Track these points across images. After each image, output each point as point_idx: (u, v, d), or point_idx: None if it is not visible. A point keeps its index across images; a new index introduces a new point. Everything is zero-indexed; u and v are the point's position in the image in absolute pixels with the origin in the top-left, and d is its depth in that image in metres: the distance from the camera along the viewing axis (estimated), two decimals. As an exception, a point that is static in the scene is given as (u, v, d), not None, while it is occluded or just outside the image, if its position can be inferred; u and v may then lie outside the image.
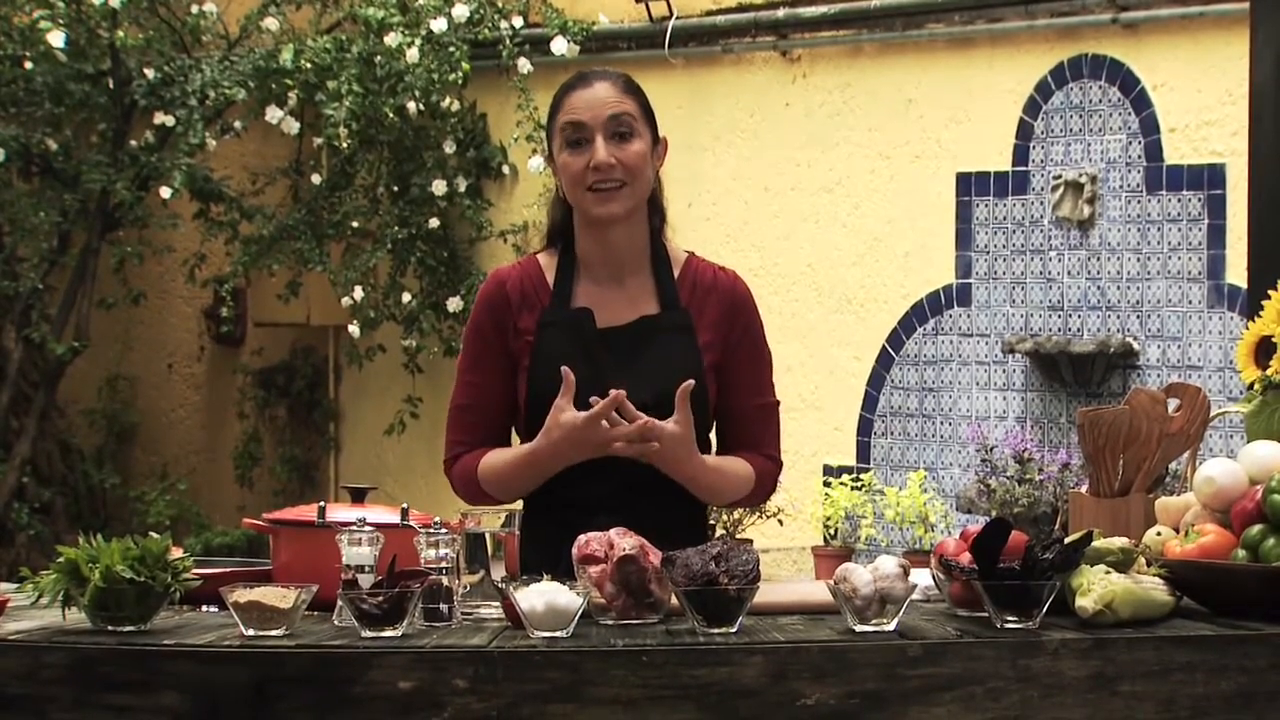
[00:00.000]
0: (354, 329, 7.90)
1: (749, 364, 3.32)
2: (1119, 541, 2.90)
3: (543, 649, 2.58)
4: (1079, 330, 6.36)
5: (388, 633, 2.66)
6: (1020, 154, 6.52)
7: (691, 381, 3.13)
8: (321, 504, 3.11)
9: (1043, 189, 6.45)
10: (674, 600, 2.75)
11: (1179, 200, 6.12)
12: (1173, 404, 3.23)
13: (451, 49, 7.48)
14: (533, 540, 3.08)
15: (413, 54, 7.39)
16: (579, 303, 3.29)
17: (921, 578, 2.86)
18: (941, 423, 6.73)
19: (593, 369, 3.22)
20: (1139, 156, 6.21)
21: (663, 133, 3.35)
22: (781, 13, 7.13)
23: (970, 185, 6.66)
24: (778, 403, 3.37)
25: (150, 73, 7.74)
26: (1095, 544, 2.84)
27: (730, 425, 3.34)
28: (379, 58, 7.51)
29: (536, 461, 3.19)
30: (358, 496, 3.18)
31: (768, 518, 6.09)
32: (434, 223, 7.82)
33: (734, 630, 2.67)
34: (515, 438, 3.36)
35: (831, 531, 6.58)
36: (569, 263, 3.33)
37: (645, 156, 3.26)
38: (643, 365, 3.23)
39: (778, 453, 3.37)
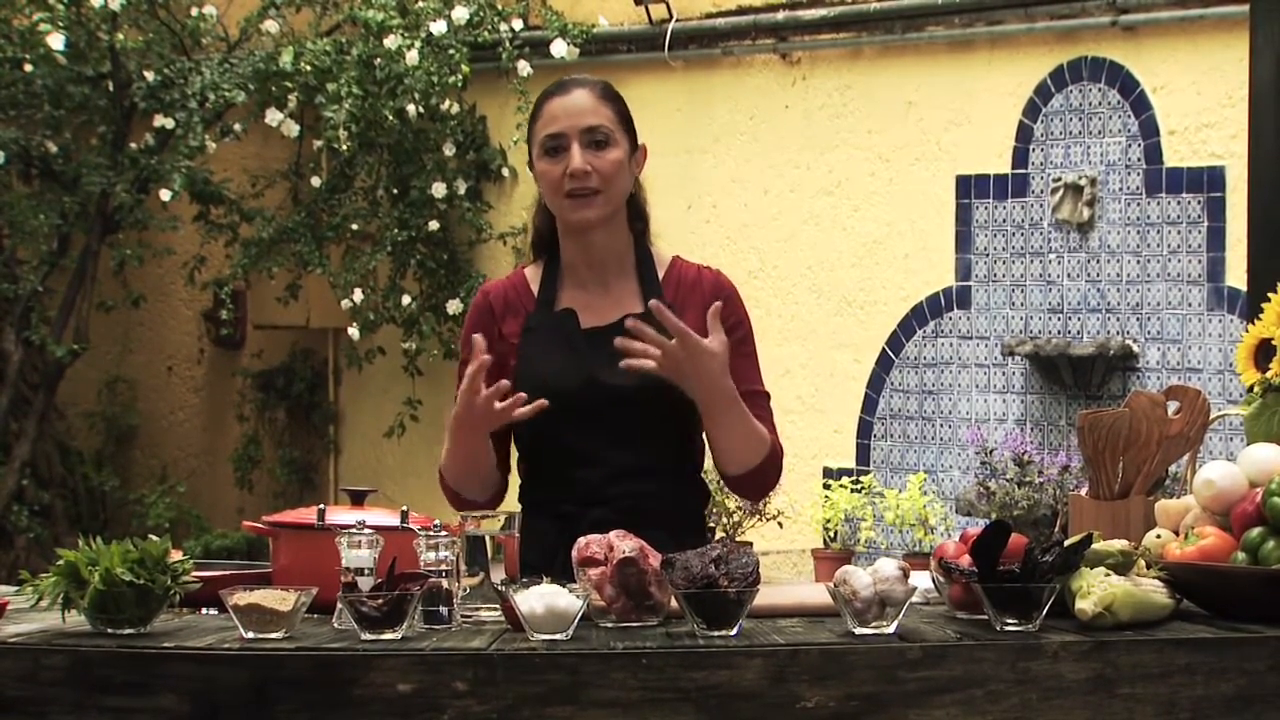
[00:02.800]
0: (354, 331, 7.90)
1: (739, 354, 3.32)
2: (1119, 544, 2.90)
3: (542, 651, 2.58)
4: (1079, 333, 6.36)
5: (387, 635, 2.66)
6: (1020, 156, 6.52)
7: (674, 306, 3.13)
8: (321, 506, 3.11)
9: (1042, 191, 6.45)
10: (674, 603, 2.75)
11: (1178, 203, 6.12)
12: (1172, 406, 3.23)
13: (451, 51, 7.48)
14: (529, 535, 3.09)
15: (412, 56, 7.39)
16: (563, 306, 3.32)
17: (921, 580, 2.86)
18: (941, 425, 6.73)
19: (578, 365, 3.25)
20: (1138, 159, 6.21)
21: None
22: (781, 15, 7.13)
23: (970, 188, 6.66)
24: (768, 394, 3.38)
25: (150, 75, 7.74)
26: (1095, 546, 2.84)
27: None
28: (379, 60, 7.51)
29: (454, 433, 3.19)
30: (357, 499, 3.18)
31: (767, 520, 6.09)
32: (434, 225, 7.82)
33: (733, 633, 2.67)
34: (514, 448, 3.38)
35: (831, 534, 6.58)
36: (554, 270, 3.37)
37: (621, 164, 3.29)
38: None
39: (776, 435, 3.35)
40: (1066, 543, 2.78)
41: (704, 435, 3.33)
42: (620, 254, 3.35)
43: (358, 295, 7.79)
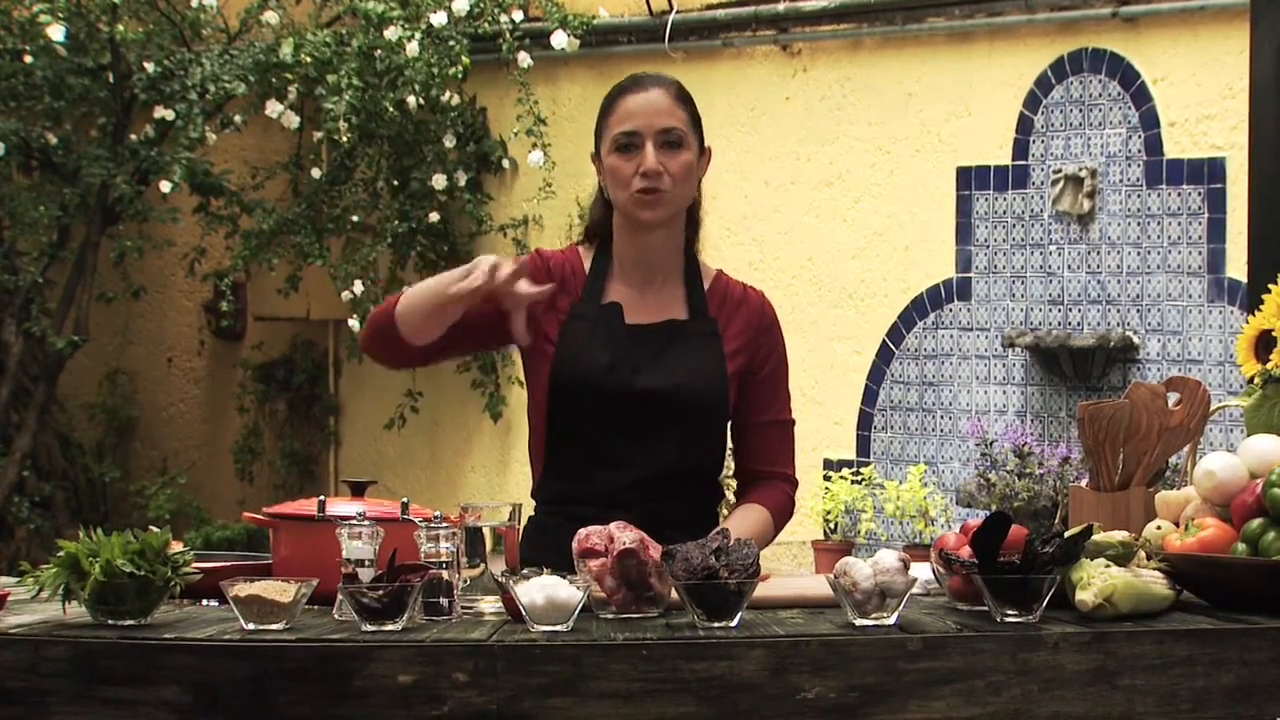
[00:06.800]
0: (354, 323, 7.89)
1: (771, 381, 3.36)
2: (1119, 535, 2.90)
3: (543, 643, 2.58)
4: (1079, 324, 6.36)
5: (388, 627, 2.66)
6: (1020, 148, 6.52)
7: None
8: (321, 498, 3.10)
9: (1043, 183, 6.45)
10: (674, 594, 2.75)
11: (1179, 194, 6.11)
12: (1173, 398, 3.23)
13: (451, 43, 7.48)
14: (541, 534, 3.08)
15: (412, 48, 7.39)
16: (609, 300, 3.32)
17: (922, 572, 2.85)
18: (942, 417, 6.73)
19: (616, 359, 3.25)
20: (1139, 150, 6.21)
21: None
22: (782, 6, 7.13)
23: (970, 179, 6.66)
24: (794, 421, 3.40)
25: (150, 67, 7.74)
26: (1095, 538, 2.84)
27: (747, 439, 3.39)
28: (379, 52, 7.51)
29: (447, 290, 3.04)
30: (358, 490, 3.18)
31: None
32: (434, 217, 7.82)
33: (734, 624, 2.66)
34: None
35: (831, 525, 6.58)
36: (604, 261, 3.36)
37: (691, 166, 3.30)
38: (666, 360, 3.27)
39: (792, 470, 3.42)
40: (1067, 534, 2.78)
41: (728, 441, 3.37)
42: (672, 257, 3.36)
43: (358, 287, 7.79)
